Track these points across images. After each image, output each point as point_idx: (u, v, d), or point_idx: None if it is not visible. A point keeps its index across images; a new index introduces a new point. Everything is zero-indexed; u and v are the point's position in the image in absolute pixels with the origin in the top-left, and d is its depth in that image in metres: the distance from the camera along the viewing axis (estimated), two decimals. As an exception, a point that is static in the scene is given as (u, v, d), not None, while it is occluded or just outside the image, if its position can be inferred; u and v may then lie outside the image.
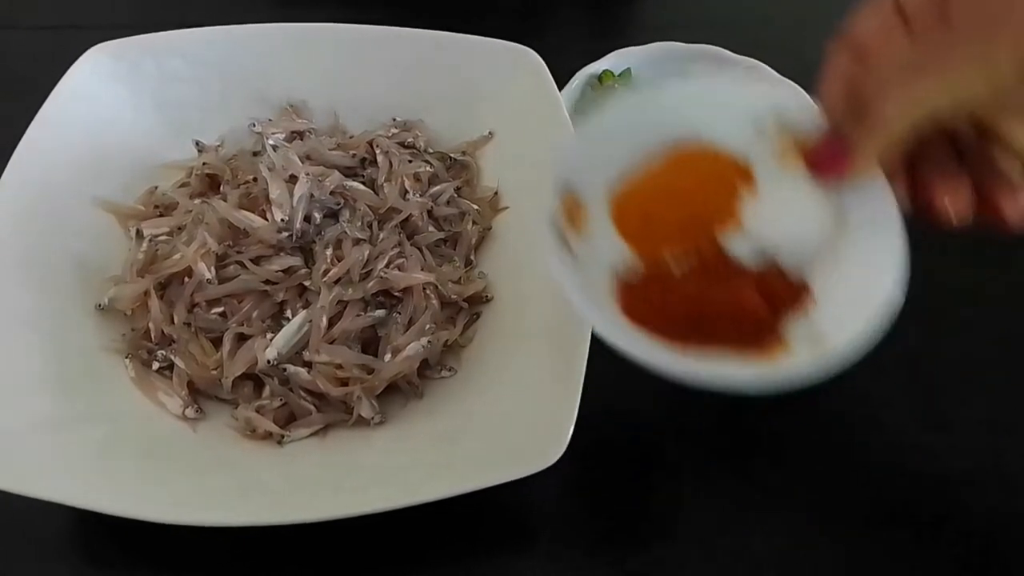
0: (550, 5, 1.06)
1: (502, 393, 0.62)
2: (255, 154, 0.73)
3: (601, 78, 0.84)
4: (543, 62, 0.74)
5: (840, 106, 0.46)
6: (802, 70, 0.81)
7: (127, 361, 0.65)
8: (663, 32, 0.88)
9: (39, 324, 0.63)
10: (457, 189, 0.74)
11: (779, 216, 0.51)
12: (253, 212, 0.67)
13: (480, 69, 0.75)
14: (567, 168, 0.52)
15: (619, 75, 0.85)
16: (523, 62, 0.74)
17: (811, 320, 0.49)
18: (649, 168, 0.53)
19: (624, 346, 0.48)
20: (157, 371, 0.65)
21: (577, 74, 0.83)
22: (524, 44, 0.75)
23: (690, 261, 0.52)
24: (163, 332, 0.65)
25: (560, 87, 0.75)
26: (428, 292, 0.66)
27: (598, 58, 0.85)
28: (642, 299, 0.51)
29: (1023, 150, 0.47)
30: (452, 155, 0.76)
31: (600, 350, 0.58)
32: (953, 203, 0.47)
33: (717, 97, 0.53)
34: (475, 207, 0.72)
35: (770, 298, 0.50)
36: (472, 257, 0.71)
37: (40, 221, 0.67)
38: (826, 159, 0.48)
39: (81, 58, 0.72)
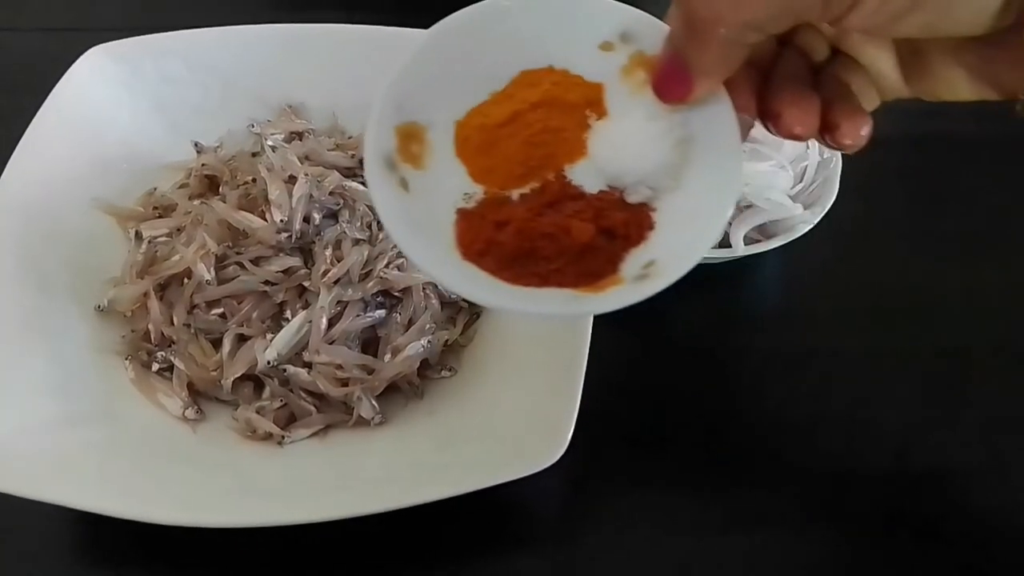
0: None
1: (502, 393, 0.62)
2: (254, 155, 0.73)
3: None
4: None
5: (678, 26, 0.45)
6: None
7: (127, 362, 0.65)
8: None
9: (39, 326, 0.63)
10: (456, 189, 0.73)
11: (626, 144, 0.49)
12: (252, 213, 0.67)
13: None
14: (404, 95, 0.48)
15: None
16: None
17: (648, 249, 0.47)
18: (496, 96, 0.50)
19: (449, 282, 0.46)
20: (157, 372, 0.65)
21: None
22: None
23: (532, 193, 0.49)
24: (163, 333, 0.65)
25: None
26: (428, 292, 0.66)
27: None
28: (479, 234, 0.48)
29: (872, 68, 0.48)
30: (451, 154, 0.75)
31: (602, 350, 0.58)
32: (797, 118, 0.46)
33: (568, 18, 0.51)
34: (475, 207, 0.72)
35: (608, 230, 0.48)
36: (472, 257, 0.71)
37: (39, 222, 0.67)
38: (668, 81, 0.46)
39: (80, 59, 0.73)
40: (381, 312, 0.65)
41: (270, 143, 0.72)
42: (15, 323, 0.62)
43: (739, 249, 0.70)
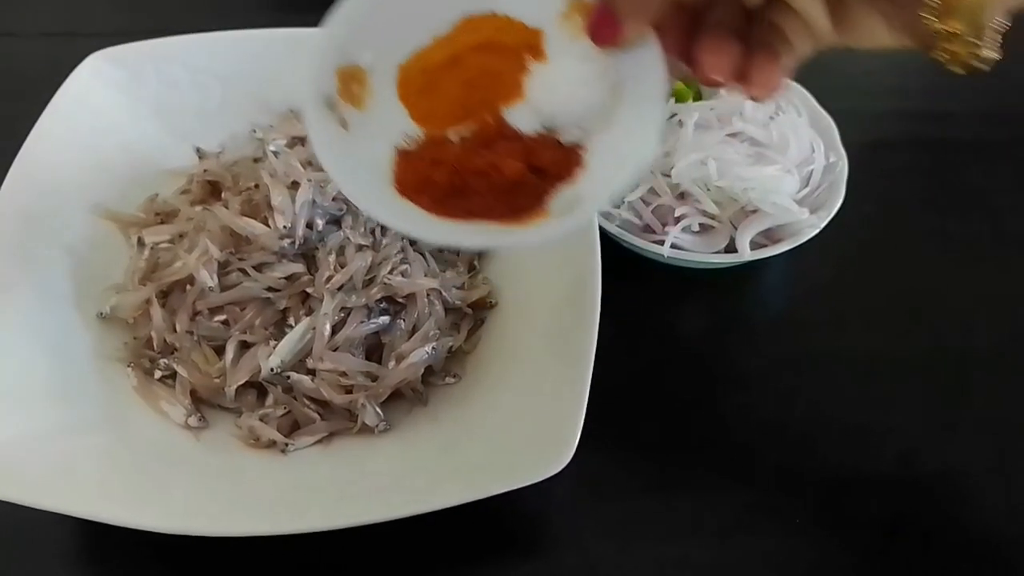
0: None
1: (507, 400, 0.62)
2: (256, 160, 0.72)
3: None
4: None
5: None
6: (804, 70, 0.76)
7: (129, 370, 0.64)
8: None
9: (40, 333, 0.63)
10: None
11: (561, 86, 0.50)
12: (255, 219, 0.67)
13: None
14: (346, 37, 0.49)
15: None
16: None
17: (575, 186, 0.49)
18: (437, 39, 0.51)
19: (384, 217, 0.48)
20: (159, 380, 0.65)
21: None
22: None
23: (470, 134, 0.50)
24: (165, 340, 0.65)
25: None
26: (432, 298, 0.65)
27: None
28: (415, 172, 0.50)
29: (803, 14, 0.48)
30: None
31: (607, 354, 0.58)
32: (713, 66, 0.48)
33: None
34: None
35: (538, 168, 0.49)
36: (476, 262, 0.71)
37: (41, 229, 0.67)
38: (600, 25, 0.48)
39: (81, 65, 0.72)
40: (385, 319, 0.64)
41: (272, 148, 0.72)
42: (17, 330, 0.62)
43: (745, 254, 0.70)
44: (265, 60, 0.77)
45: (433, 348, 0.63)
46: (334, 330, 0.63)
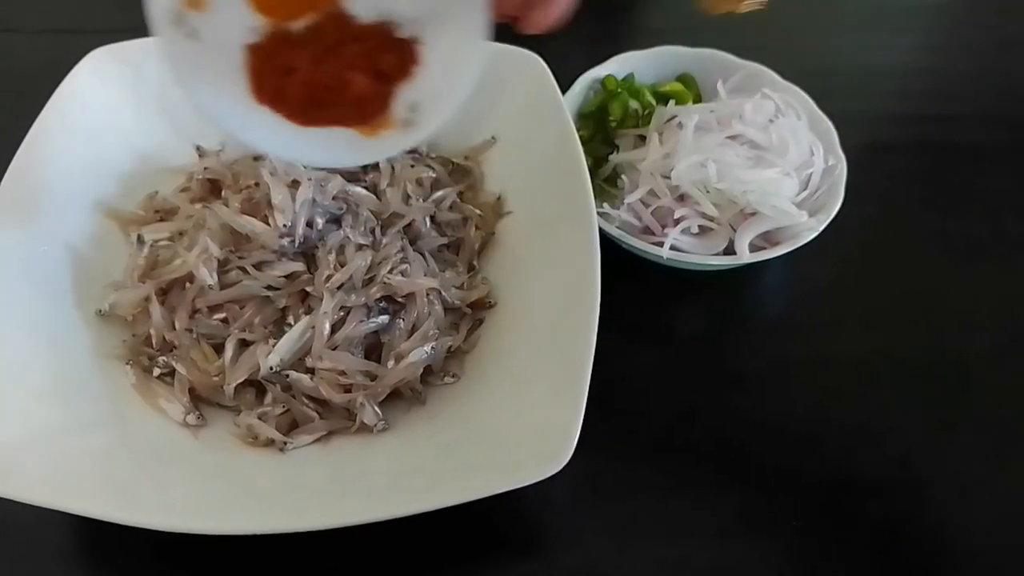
0: None
1: (506, 399, 0.62)
2: (256, 159, 0.72)
3: (604, 83, 0.84)
4: (546, 65, 0.74)
5: None
6: (803, 73, 0.83)
7: (128, 367, 0.64)
8: (664, 36, 0.87)
9: (39, 330, 0.63)
10: (460, 194, 0.73)
11: None
12: (255, 217, 0.66)
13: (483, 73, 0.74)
14: None
15: (622, 79, 0.84)
16: (526, 65, 0.74)
17: (415, 88, 0.52)
18: None
19: (241, 134, 0.50)
20: (158, 377, 0.64)
21: (579, 78, 0.83)
22: (526, 49, 0.75)
23: (312, 31, 0.52)
24: (164, 338, 0.65)
25: (563, 92, 0.75)
26: (431, 298, 0.65)
27: (600, 62, 0.85)
28: (269, 80, 0.51)
29: None
30: (454, 160, 0.75)
31: (606, 356, 0.58)
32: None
33: None
34: (478, 212, 0.72)
35: (380, 73, 0.52)
36: (475, 262, 0.71)
37: (40, 225, 0.67)
38: None
39: (82, 61, 0.72)
40: (384, 318, 0.64)
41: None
42: (16, 326, 0.62)
43: (744, 256, 0.70)
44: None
45: (432, 348, 0.63)
46: (333, 329, 0.63)
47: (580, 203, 0.66)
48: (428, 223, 0.70)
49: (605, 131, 0.81)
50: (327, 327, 0.62)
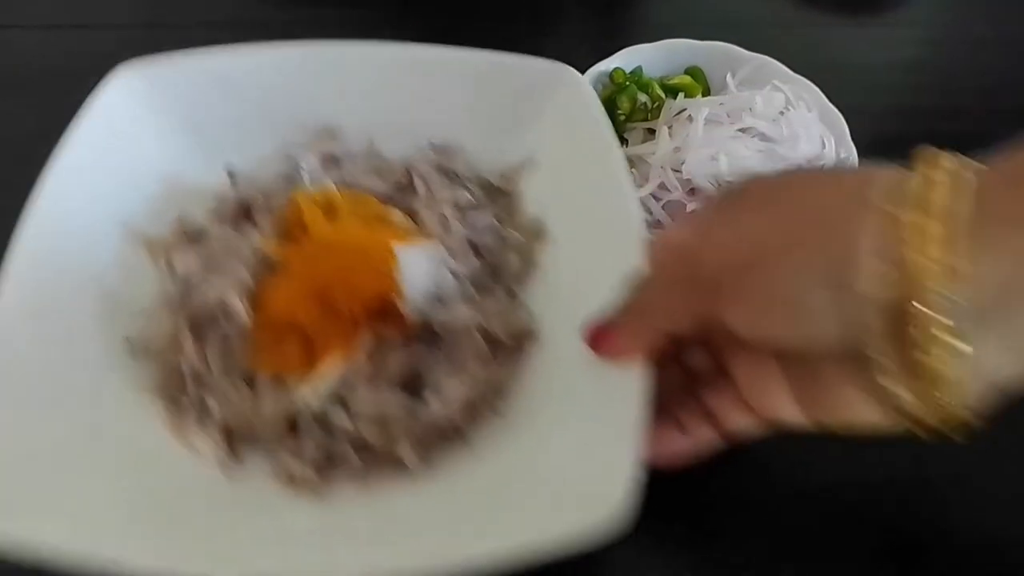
0: (556, 5, 1.07)
1: (553, 439, 0.58)
2: (289, 180, 0.69)
3: (613, 76, 0.83)
4: (585, 80, 0.71)
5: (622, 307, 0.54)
6: (813, 66, 0.84)
7: (158, 402, 0.62)
8: (672, 30, 0.87)
9: (63, 362, 0.60)
10: (497, 217, 0.70)
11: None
12: (289, 242, 0.63)
13: (518, 89, 0.72)
14: None
15: (630, 73, 0.84)
16: (562, 80, 0.71)
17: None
18: None
19: None
20: (189, 413, 0.61)
21: (587, 72, 0.81)
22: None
23: None
24: (196, 372, 0.62)
25: None
26: (472, 328, 0.62)
27: (607, 56, 0.84)
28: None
29: (740, 386, 0.54)
30: (491, 181, 0.72)
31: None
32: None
33: None
34: (518, 237, 0.68)
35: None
36: (514, 288, 0.67)
37: (69, 253, 0.64)
38: (595, 334, 0.55)
39: (109, 79, 0.69)
40: (423, 350, 0.61)
41: (305, 165, 0.69)
42: (38, 360, 0.59)
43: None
44: (299, 76, 0.74)
45: (475, 384, 0.60)
46: (371, 363, 0.60)
47: (627, 228, 0.63)
48: (466, 248, 0.67)
49: (614, 125, 0.78)
50: (366, 365, 0.60)
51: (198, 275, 0.64)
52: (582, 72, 0.80)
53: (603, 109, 0.69)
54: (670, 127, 0.77)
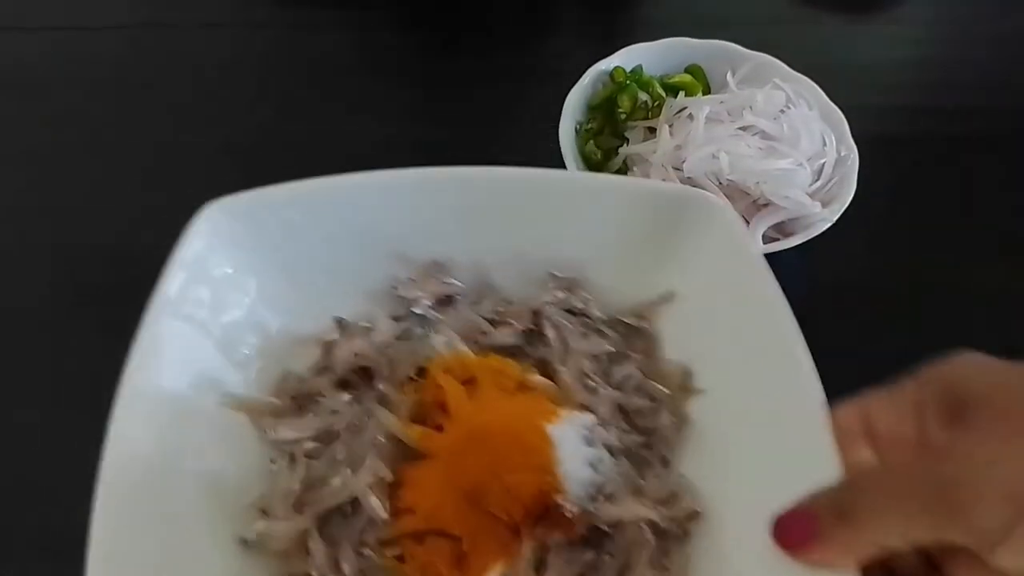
0: (557, 4, 1.08)
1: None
2: (407, 334, 0.63)
3: (613, 75, 0.83)
4: (727, 205, 0.63)
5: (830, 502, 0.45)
6: (813, 65, 0.84)
7: (281, 613, 0.53)
8: (672, 29, 0.88)
9: (169, 566, 0.52)
10: (639, 367, 0.63)
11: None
12: (426, 425, 0.57)
13: (651, 216, 0.64)
14: None
15: (631, 72, 0.84)
16: (709, 212, 0.63)
17: None
18: None
19: None
20: (321, 627, 0.53)
21: (588, 71, 0.83)
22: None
23: None
24: (327, 580, 0.53)
25: (570, 87, 0.79)
26: (642, 525, 0.55)
27: (607, 55, 0.84)
28: None
29: None
30: (625, 320, 0.64)
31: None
32: None
33: None
34: (666, 391, 0.61)
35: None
36: (667, 455, 0.60)
37: (166, 437, 0.55)
38: (792, 531, 0.46)
39: (196, 221, 0.59)
40: (589, 555, 0.54)
41: (419, 311, 0.63)
42: (141, 567, 0.51)
43: (758, 247, 0.70)
44: (398, 205, 0.65)
45: (654, 594, 0.53)
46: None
47: (792, 374, 0.55)
48: (616, 414, 0.60)
49: (614, 123, 0.82)
50: (528, 574, 0.52)
51: (323, 464, 0.56)
52: (582, 72, 0.83)
53: (754, 249, 0.63)
54: (671, 125, 0.77)
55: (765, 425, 0.57)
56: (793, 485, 0.53)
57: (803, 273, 0.75)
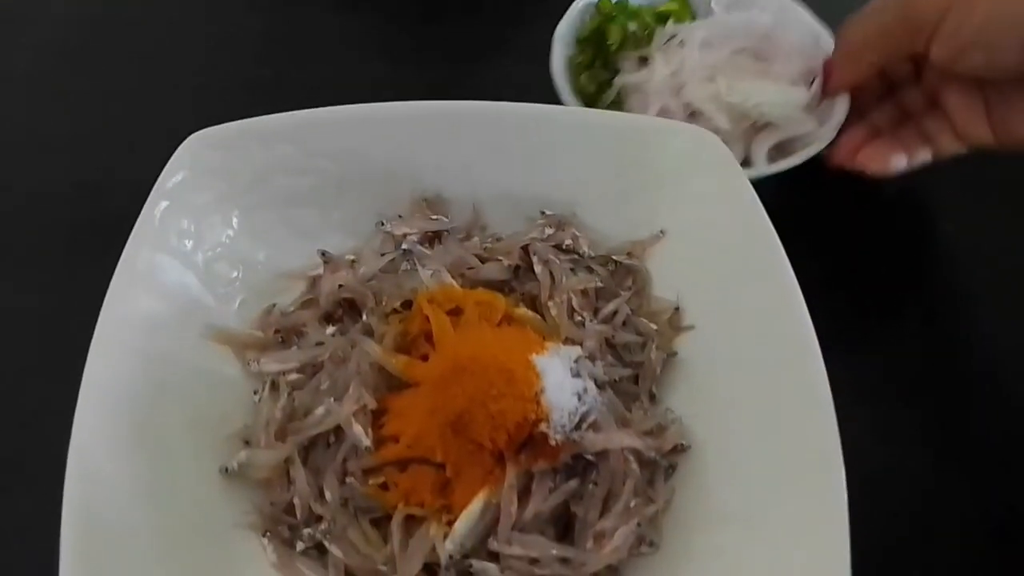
0: None
1: (718, 573, 0.51)
2: (394, 267, 0.62)
3: (599, 6, 0.82)
4: (724, 145, 0.62)
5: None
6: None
7: (265, 541, 0.54)
8: None
9: (151, 496, 0.52)
10: (629, 304, 0.62)
11: None
12: (411, 355, 0.56)
13: (643, 152, 0.64)
14: None
15: (616, 3, 0.82)
16: (700, 146, 0.62)
17: None
18: None
19: None
20: (302, 553, 0.54)
21: (573, 4, 0.82)
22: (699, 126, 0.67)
23: None
24: (310, 508, 0.54)
25: (557, 19, 0.79)
26: (627, 454, 0.55)
27: None
28: None
29: (952, 115, 0.70)
30: (615, 258, 0.63)
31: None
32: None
33: None
34: (654, 327, 0.61)
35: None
36: (654, 390, 0.60)
37: (146, 366, 0.55)
38: (827, 72, 0.73)
39: (177, 152, 0.59)
40: (574, 483, 0.54)
41: (406, 246, 0.62)
42: (123, 494, 0.51)
43: (762, 167, 0.72)
44: (388, 138, 0.65)
45: (639, 524, 0.52)
46: (518, 502, 0.52)
47: (784, 308, 0.55)
48: (604, 348, 0.59)
49: (604, 55, 0.80)
50: (514, 504, 0.52)
51: (307, 394, 0.55)
52: (567, 6, 0.82)
53: (748, 181, 0.61)
54: (664, 54, 0.78)
55: (755, 361, 0.57)
56: (782, 420, 0.52)
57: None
